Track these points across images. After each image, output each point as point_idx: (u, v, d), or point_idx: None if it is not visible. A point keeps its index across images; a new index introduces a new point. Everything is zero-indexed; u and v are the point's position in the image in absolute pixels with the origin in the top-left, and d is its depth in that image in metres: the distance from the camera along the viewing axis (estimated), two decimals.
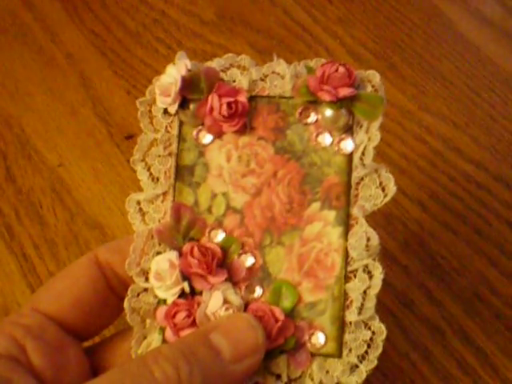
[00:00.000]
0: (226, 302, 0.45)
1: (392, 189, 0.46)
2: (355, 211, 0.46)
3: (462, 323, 0.66)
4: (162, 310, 0.46)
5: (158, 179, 0.49)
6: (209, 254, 0.46)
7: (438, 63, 0.87)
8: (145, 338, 0.47)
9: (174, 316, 0.45)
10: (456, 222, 0.73)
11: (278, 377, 0.45)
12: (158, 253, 0.47)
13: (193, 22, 0.92)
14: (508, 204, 0.74)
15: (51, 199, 0.76)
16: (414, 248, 0.71)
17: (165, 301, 0.46)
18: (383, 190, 0.46)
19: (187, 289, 0.45)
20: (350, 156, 0.47)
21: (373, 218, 0.47)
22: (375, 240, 0.45)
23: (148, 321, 0.47)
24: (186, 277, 0.46)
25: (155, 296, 0.47)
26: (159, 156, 0.49)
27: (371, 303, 0.45)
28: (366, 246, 0.45)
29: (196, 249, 0.46)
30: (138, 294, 0.47)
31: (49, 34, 0.91)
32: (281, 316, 0.45)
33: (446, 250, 0.71)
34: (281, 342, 0.45)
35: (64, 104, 0.84)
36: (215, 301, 0.45)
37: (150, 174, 0.49)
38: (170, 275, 0.45)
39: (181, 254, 0.46)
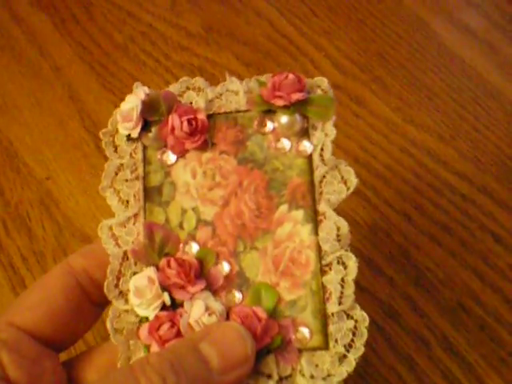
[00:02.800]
0: (207, 309, 0.45)
1: (353, 181, 0.48)
2: (322, 207, 0.48)
3: (447, 334, 0.67)
4: (144, 328, 0.46)
5: (127, 202, 0.50)
6: (186, 264, 0.46)
7: (423, 75, 0.88)
8: (130, 359, 0.47)
9: (157, 329, 0.45)
10: (441, 233, 0.73)
11: (269, 376, 0.45)
12: (135, 273, 0.48)
13: (180, 34, 0.93)
14: (492, 215, 0.75)
15: (39, 212, 0.76)
16: (399, 259, 0.71)
17: (147, 318, 0.46)
18: (345, 183, 0.48)
19: (168, 300, 0.46)
20: (309, 157, 0.49)
21: (358, 230, 0.48)
22: (345, 228, 0.47)
23: (132, 341, 0.47)
24: (165, 289, 0.46)
25: (136, 315, 0.47)
26: (126, 180, 0.50)
27: (350, 290, 0.46)
28: (337, 235, 0.47)
29: (173, 261, 0.46)
30: (120, 315, 0.47)
31: (36, 47, 0.91)
32: (263, 315, 0.45)
33: (431, 261, 0.71)
34: (267, 342, 0.45)
35: (52, 117, 0.84)
36: (197, 309, 0.45)
37: (120, 198, 0.50)
38: (149, 290, 0.46)
39: (158, 270, 0.47)
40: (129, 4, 0.97)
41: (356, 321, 0.46)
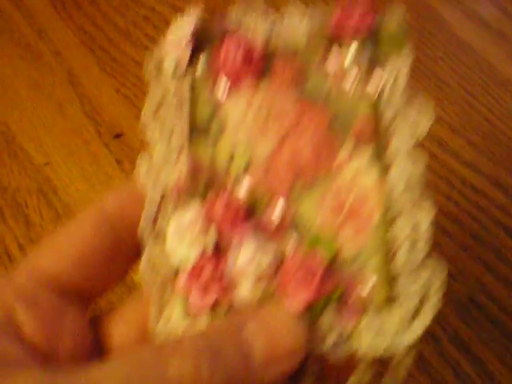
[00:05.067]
0: (259, 251, 0.40)
1: (427, 124, 0.42)
2: (391, 151, 0.42)
3: (458, 330, 0.65)
4: (182, 277, 0.40)
5: (170, 138, 0.44)
6: (235, 203, 0.41)
7: (434, 65, 0.86)
8: (163, 311, 0.41)
9: (199, 274, 0.40)
10: (452, 226, 0.72)
11: (326, 333, 0.39)
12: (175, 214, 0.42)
13: None
14: (505, 208, 0.73)
15: (37, 199, 0.74)
16: None
17: (185, 264, 0.40)
18: (417, 127, 0.43)
19: (213, 239, 0.40)
20: (377, 97, 0.44)
21: None
22: (418, 172, 0.41)
23: (167, 292, 0.41)
24: (210, 228, 0.41)
25: (174, 260, 0.41)
26: (170, 115, 0.45)
27: (422, 243, 0.40)
28: (409, 181, 0.41)
29: (220, 199, 0.41)
30: (155, 259, 0.42)
31: (36, 31, 0.90)
32: (322, 261, 0.40)
33: (442, 254, 0.69)
34: (326, 292, 0.39)
35: (51, 102, 0.83)
36: (247, 251, 0.40)
37: (162, 133, 0.45)
38: (192, 228, 0.40)
39: (203, 208, 0.41)
40: None
41: (428, 277, 0.39)
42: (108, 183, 0.75)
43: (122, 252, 0.45)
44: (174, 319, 0.40)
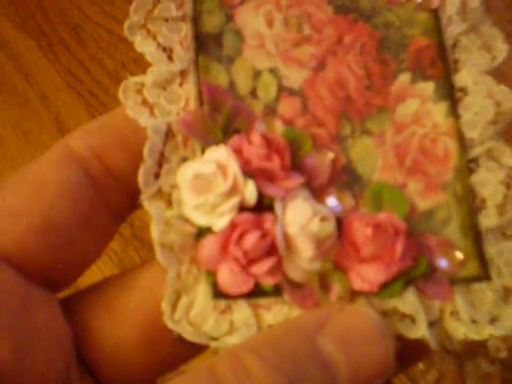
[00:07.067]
0: (316, 213, 0.31)
1: (501, 48, 0.34)
2: (462, 78, 0.34)
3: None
4: (207, 245, 0.31)
5: (171, 51, 0.34)
6: (278, 144, 0.32)
7: None
8: (179, 295, 0.31)
9: (239, 241, 0.30)
10: None
11: (413, 319, 0.30)
12: (185, 160, 0.32)
13: None
14: None
15: None
16: None
17: (209, 230, 0.31)
18: (489, 51, 0.34)
19: (253, 194, 0.30)
20: (436, 11, 0.35)
21: None
22: (509, 103, 0.33)
23: (184, 267, 0.31)
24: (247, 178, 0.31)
25: (192, 224, 0.31)
26: (167, 20, 0.34)
27: None
28: (495, 117, 0.33)
29: (256, 135, 0.32)
30: (168, 221, 0.31)
31: (23, 74, 0.87)
32: (402, 225, 0.31)
33: None
34: (407, 266, 0.31)
35: (38, 149, 0.80)
36: (300, 211, 0.31)
37: (159, 44, 0.34)
38: (221, 178, 0.30)
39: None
40: (120, 28, 0.92)
41: None
42: None
43: (103, 211, 0.34)
44: (197, 307, 0.31)
